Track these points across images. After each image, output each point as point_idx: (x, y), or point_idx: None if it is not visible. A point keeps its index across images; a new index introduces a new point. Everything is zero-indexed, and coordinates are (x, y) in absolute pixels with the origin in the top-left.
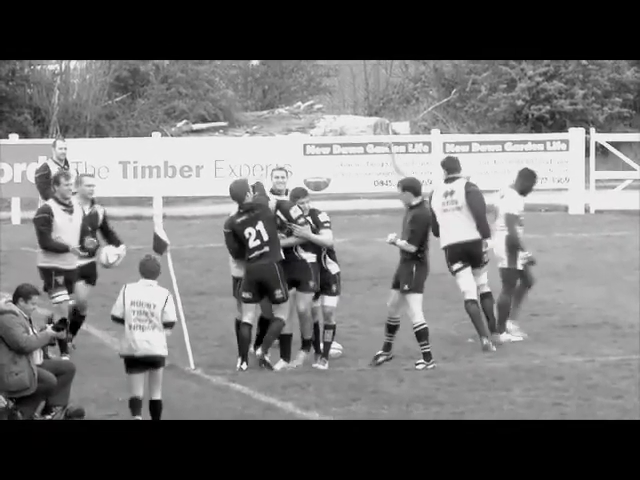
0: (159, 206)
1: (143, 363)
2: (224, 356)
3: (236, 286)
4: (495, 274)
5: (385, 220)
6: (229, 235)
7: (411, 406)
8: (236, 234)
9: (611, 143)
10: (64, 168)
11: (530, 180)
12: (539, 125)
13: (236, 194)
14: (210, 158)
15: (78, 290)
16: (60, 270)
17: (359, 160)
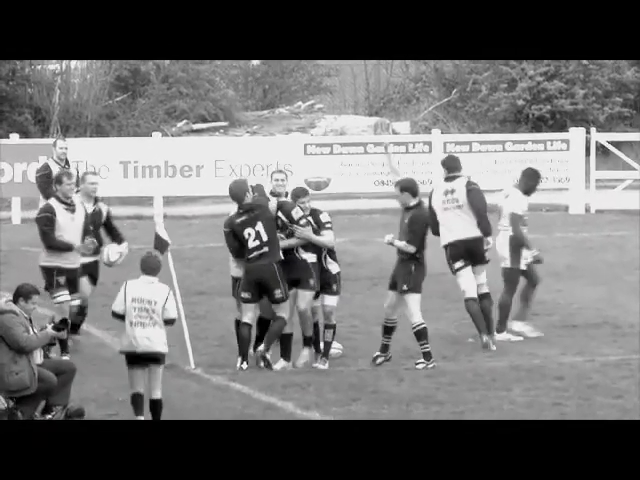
0: (160, 206)
1: (144, 359)
2: (224, 356)
3: (235, 286)
4: (496, 274)
5: (385, 220)
6: (229, 234)
7: (411, 406)
8: (235, 234)
9: (611, 143)
10: (65, 168)
11: (534, 180)
12: (540, 125)
13: (236, 194)
14: (210, 158)
15: (82, 286)
16: (62, 269)
17: (359, 160)
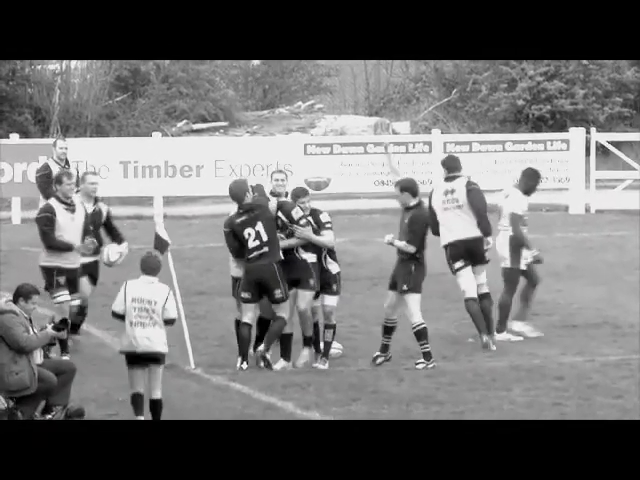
0: (159, 206)
1: (144, 359)
2: (224, 356)
3: (235, 286)
4: (496, 274)
5: (385, 220)
6: (229, 234)
7: (411, 406)
8: (235, 234)
9: (611, 143)
10: (65, 168)
11: (534, 180)
12: (539, 125)
13: (235, 194)
14: (210, 158)
15: (83, 286)
16: (62, 269)
17: (359, 160)
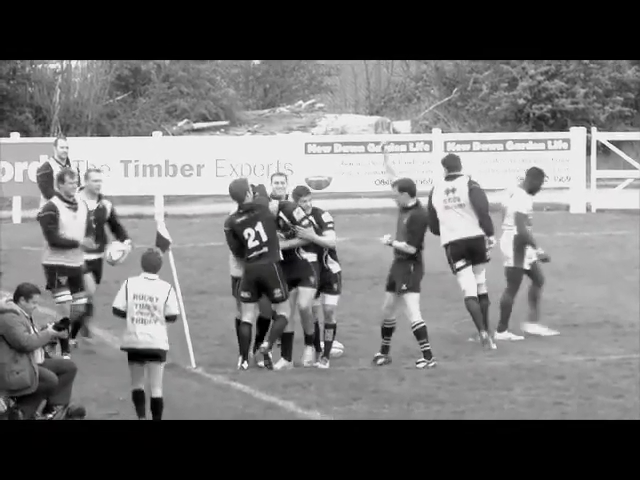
0: (160, 205)
1: (144, 356)
2: (225, 355)
3: (235, 286)
4: (498, 273)
5: (386, 219)
6: (229, 233)
7: (412, 405)
8: (235, 234)
9: (612, 142)
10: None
11: (538, 179)
12: (540, 124)
13: (236, 194)
14: (211, 157)
15: (87, 282)
16: (64, 268)
17: (360, 159)
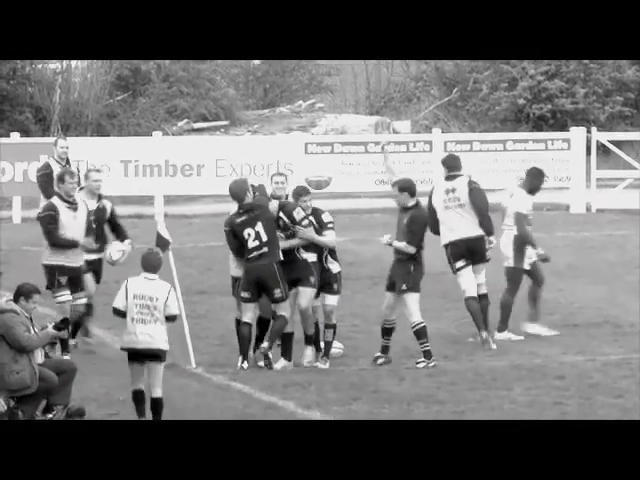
0: (160, 205)
1: (144, 356)
2: (225, 355)
3: (235, 286)
4: (498, 273)
5: (386, 219)
6: (229, 233)
7: (412, 405)
8: (235, 234)
9: (612, 142)
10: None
11: (538, 179)
12: (540, 124)
13: (236, 193)
14: (211, 157)
15: (88, 282)
16: (64, 268)
17: (360, 159)
